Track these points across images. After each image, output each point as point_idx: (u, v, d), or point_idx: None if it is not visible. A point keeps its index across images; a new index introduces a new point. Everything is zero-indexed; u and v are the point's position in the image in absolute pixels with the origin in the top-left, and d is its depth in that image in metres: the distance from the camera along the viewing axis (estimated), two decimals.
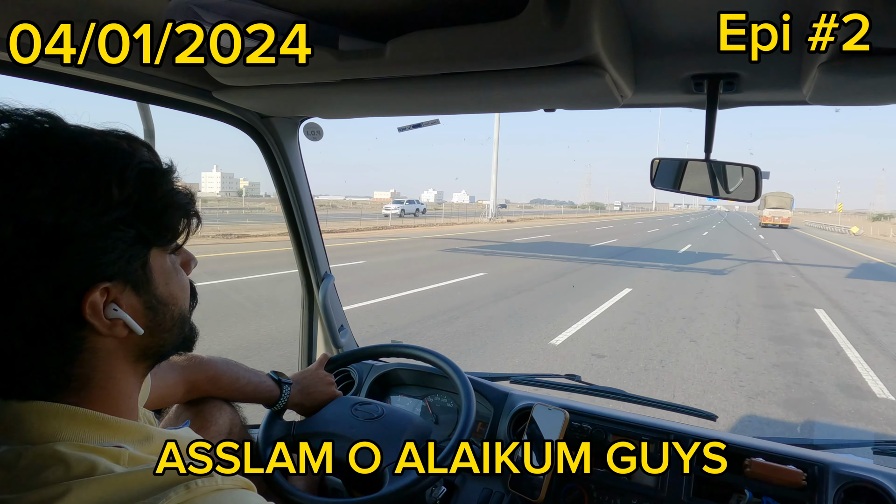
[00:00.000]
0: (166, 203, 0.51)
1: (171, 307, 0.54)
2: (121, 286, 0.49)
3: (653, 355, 5.06)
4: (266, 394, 1.08)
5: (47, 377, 0.48)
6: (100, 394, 0.51)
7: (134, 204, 0.48)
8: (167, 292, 0.54)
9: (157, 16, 0.80)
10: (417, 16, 0.78)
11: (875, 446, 1.16)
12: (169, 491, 0.45)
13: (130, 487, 0.45)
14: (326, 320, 1.55)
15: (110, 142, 0.49)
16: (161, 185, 0.51)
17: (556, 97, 0.93)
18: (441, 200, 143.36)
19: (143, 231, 0.49)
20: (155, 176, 0.50)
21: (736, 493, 1.05)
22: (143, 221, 0.49)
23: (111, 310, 0.48)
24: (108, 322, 0.48)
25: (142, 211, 0.49)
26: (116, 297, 0.48)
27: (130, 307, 0.50)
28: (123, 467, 0.47)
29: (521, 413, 1.25)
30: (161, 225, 0.51)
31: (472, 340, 5.36)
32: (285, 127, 1.34)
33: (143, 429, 0.53)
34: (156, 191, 0.50)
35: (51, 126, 0.47)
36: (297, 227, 1.49)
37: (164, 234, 0.52)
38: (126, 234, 0.48)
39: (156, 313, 0.53)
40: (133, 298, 0.50)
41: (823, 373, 4.76)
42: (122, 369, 0.52)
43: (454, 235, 20.00)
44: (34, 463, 0.45)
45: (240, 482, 0.51)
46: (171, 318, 0.55)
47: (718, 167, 1.00)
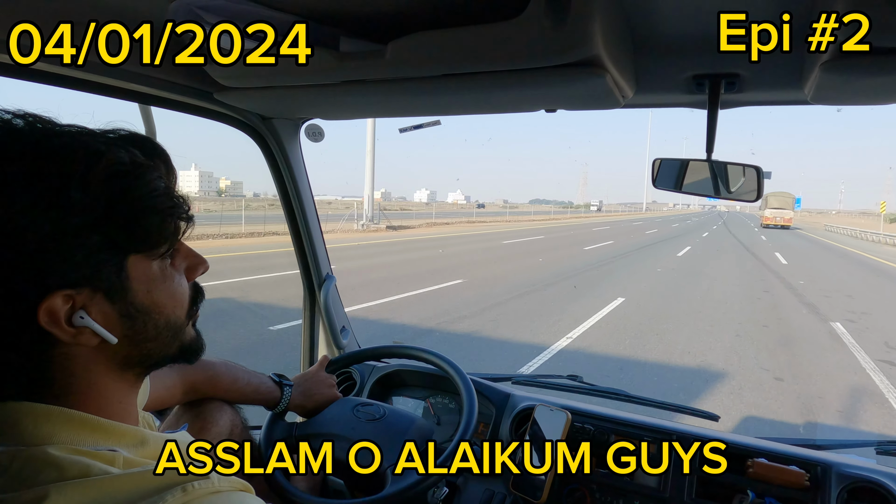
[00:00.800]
0: (142, 206, 0.48)
1: (153, 316, 0.51)
2: (89, 293, 0.46)
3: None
4: (266, 395, 1.08)
5: (19, 381, 0.47)
6: (84, 399, 0.50)
7: (102, 208, 0.45)
8: (149, 300, 0.51)
9: (158, 17, 0.80)
10: (418, 17, 0.78)
11: (878, 446, 1.16)
12: (165, 493, 0.44)
13: (126, 489, 0.44)
14: (328, 321, 1.55)
15: (81, 143, 0.47)
16: (135, 188, 0.47)
17: (557, 98, 0.93)
18: (434, 200, 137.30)
19: (112, 236, 0.46)
20: (128, 179, 0.47)
21: (739, 494, 1.05)
22: (113, 226, 0.46)
23: (77, 318, 0.46)
24: (71, 330, 0.46)
25: (113, 215, 0.46)
26: (85, 304, 0.46)
27: (103, 315, 0.48)
28: (118, 470, 0.46)
29: (522, 414, 1.25)
30: (137, 230, 0.48)
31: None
32: (286, 128, 1.34)
33: (137, 432, 0.52)
34: (128, 194, 0.47)
35: (20, 128, 0.46)
36: (298, 228, 1.49)
37: (143, 240, 0.49)
38: (90, 240, 0.45)
39: (134, 321, 0.50)
40: (106, 306, 0.48)
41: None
42: (107, 376, 0.51)
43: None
44: (27, 466, 0.45)
45: (237, 484, 0.50)
46: (154, 327, 0.52)
47: (720, 167, 1.00)
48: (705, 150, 0.97)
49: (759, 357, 5.41)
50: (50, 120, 0.48)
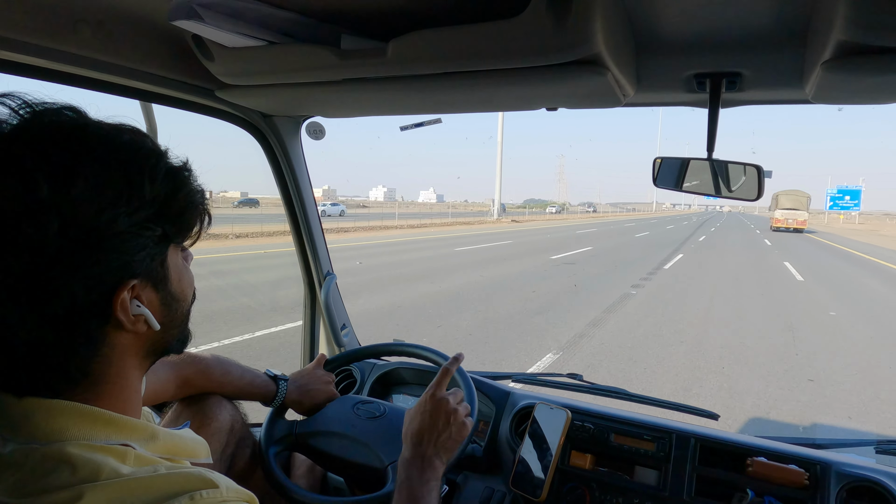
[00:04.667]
0: (188, 202, 0.52)
1: (182, 303, 0.56)
2: (144, 283, 0.50)
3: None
4: (261, 389, 1.08)
5: (68, 371, 0.48)
6: (111, 389, 0.51)
7: (160, 202, 0.49)
8: (179, 289, 0.55)
9: (160, 14, 0.80)
10: (419, 15, 0.78)
11: (877, 446, 1.16)
12: (174, 500, 0.45)
13: (135, 493, 0.45)
14: (329, 319, 1.56)
15: (140, 140, 0.50)
16: (186, 184, 0.52)
17: (558, 96, 0.93)
18: (392, 198, 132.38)
19: (167, 229, 0.50)
20: (180, 175, 0.51)
21: (738, 493, 1.05)
22: (167, 220, 0.50)
23: (135, 306, 0.49)
24: (132, 318, 0.49)
25: (166, 209, 0.50)
26: (139, 293, 0.50)
27: (150, 303, 0.51)
28: (129, 467, 0.47)
29: (523, 412, 1.25)
30: (182, 223, 0.53)
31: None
32: (287, 126, 1.35)
33: (148, 427, 0.53)
34: (180, 189, 0.51)
35: (81, 121, 0.47)
36: (299, 226, 1.49)
37: (184, 233, 0.54)
38: (154, 233, 0.49)
39: (170, 309, 0.54)
40: (153, 294, 0.51)
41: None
42: (133, 365, 0.53)
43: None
44: (41, 465, 0.45)
45: (244, 495, 0.51)
46: (181, 314, 0.56)
47: (721, 166, 1.00)
48: (706, 149, 0.97)
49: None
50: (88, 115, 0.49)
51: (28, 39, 0.77)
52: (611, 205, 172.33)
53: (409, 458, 0.87)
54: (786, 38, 0.77)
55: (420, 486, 0.83)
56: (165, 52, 0.94)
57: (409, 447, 0.89)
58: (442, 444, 0.88)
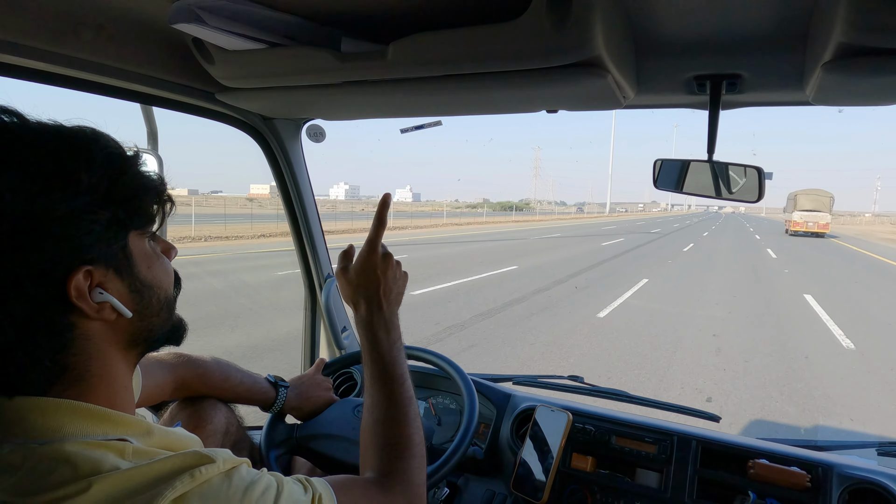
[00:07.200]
0: (137, 186, 0.52)
1: (156, 290, 0.56)
2: (103, 270, 0.50)
3: None
4: (260, 395, 1.08)
5: (43, 366, 0.48)
6: (98, 384, 0.52)
7: (105, 188, 0.49)
8: (150, 276, 0.55)
9: (160, 18, 0.80)
10: (419, 17, 0.78)
11: (879, 447, 1.16)
12: (174, 480, 0.46)
13: (136, 480, 0.46)
14: (329, 322, 1.55)
15: (74, 130, 0.50)
16: (129, 168, 0.52)
17: (559, 98, 0.93)
18: (356, 197, 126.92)
19: (117, 214, 0.50)
20: (122, 160, 0.52)
21: (740, 495, 1.05)
22: (115, 204, 0.50)
23: (97, 293, 0.49)
24: (95, 305, 0.49)
25: (113, 194, 0.50)
26: (101, 280, 0.50)
27: (116, 291, 0.51)
28: (128, 461, 0.47)
29: (523, 414, 1.25)
30: (134, 207, 0.53)
31: None
32: (288, 128, 1.35)
33: (143, 423, 0.53)
34: (124, 174, 0.51)
35: (13, 121, 0.48)
36: (299, 228, 1.49)
37: (140, 217, 0.54)
38: (100, 217, 0.49)
39: (141, 296, 0.54)
40: (117, 282, 0.52)
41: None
42: (115, 356, 0.54)
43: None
44: (40, 464, 0.45)
45: (239, 462, 0.52)
46: (157, 302, 0.56)
47: (721, 168, 1.00)
48: (706, 151, 0.97)
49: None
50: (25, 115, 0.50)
51: (29, 43, 0.77)
52: (599, 204, 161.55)
53: (372, 319, 0.79)
54: (786, 40, 0.77)
55: (390, 349, 0.79)
56: (166, 55, 0.94)
57: (366, 306, 0.79)
58: (395, 299, 0.82)
